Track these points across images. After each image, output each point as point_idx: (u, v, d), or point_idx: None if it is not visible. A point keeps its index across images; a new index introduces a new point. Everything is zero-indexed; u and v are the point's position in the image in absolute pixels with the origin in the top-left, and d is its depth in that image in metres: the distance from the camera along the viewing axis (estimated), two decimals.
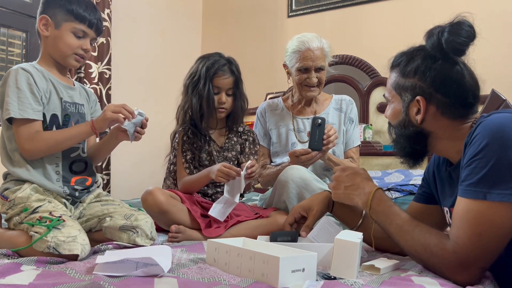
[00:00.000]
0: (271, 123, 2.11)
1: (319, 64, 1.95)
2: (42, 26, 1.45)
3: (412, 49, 1.19)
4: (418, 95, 1.13)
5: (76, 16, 1.43)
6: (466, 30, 1.07)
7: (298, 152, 1.76)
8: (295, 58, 1.97)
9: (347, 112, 2.08)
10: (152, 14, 3.49)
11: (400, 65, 1.18)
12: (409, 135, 1.17)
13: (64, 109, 1.46)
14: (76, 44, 1.45)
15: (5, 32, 2.74)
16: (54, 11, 1.44)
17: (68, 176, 1.46)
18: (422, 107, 1.13)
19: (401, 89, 1.17)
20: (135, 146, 3.21)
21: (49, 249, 1.17)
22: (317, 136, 1.74)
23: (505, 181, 0.95)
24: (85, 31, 1.46)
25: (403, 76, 1.17)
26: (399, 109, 1.19)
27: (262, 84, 3.46)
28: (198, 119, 1.83)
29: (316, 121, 1.73)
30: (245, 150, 1.93)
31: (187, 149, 1.84)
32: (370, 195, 1.21)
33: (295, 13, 3.47)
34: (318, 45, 1.94)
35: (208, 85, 1.80)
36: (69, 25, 1.43)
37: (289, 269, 0.96)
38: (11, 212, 1.35)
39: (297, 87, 2.02)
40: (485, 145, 0.97)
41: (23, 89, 1.35)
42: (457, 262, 0.99)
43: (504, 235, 0.97)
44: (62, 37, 1.43)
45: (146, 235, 1.38)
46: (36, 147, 1.36)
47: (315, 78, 1.96)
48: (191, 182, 1.78)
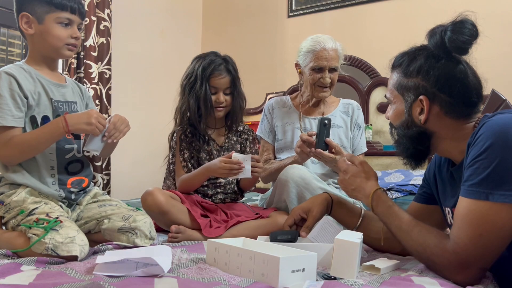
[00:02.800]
0: (278, 120, 2.11)
1: (333, 64, 1.95)
2: (24, 25, 1.40)
3: (413, 49, 1.18)
4: (421, 94, 1.12)
5: (56, 5, 1.38)
6: (469, 29, 1.07)
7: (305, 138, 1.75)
8: (309, 58, 1.96)
9: (354, 117, 2.08)
10: (152, 14, 3.48)
11: (402, 65, 1.17)
12: (412, 135, 1.16)
13: (56, 109, 1.42)
14: (65, 34, 1.40)
15: (5, 32, 2.74)
16: (32, 6, 1.38)
17: (64, 178, 1.43)
18: (425, 107, 1.12)
19: (404, 89, 1.16)
20: (135, 146, 3.23)
21: (48, 251, 1.17)
22: (325, 136, 1.75)
23: (508, 182, 0.94)
24: (70, 18, 1.40)
25: (406, 76, 1.16)
26: (401, 110, 1.18)
27: (262, 84, 3.46)
28: (196, 120, 1.83)
29: (323, 122, 1.74)
30: (246, 150, 1.93)
31: (185, 147, 1.84)
32: (370, 196, 1.21)
33: (295, 13, 3.47)
34: (333, 45, 1.95)
35: (204, 85, 1.79)
36: (52, 16, 1.38)
37: (289, 269, 0.96)
38: (7, 216, 1.34)
39: (309, 87, 2.01)
40: (489, 145, 0.97)
41: (4, 95, 1.31)
42: (457, 262, 0.99)
43: (505, 236, 0.97)
44: (49, 31, 1.39)
45: (145, 235, 1.37)
46: (10, 153, 1.33)
47: (328, 78, 1.96)
48: (189, 180, 1.78)
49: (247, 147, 1.94)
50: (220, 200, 1.86)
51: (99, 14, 2.91)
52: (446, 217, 1.21)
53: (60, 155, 1.43)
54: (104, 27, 2.93)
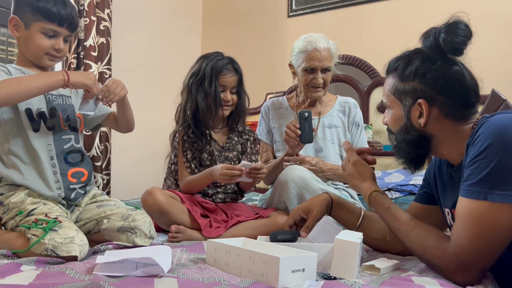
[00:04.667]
0: (274, 121, 2.11)
1: (325, 64, 1.94)
2: (12, 27, 1.40)
3: (407, 53, 1.17)
4: (420, 98, 1.11)
5: (45, 15, 1.35)
6: (463, 29, 1.07)
7: None
8: (301, 58, 1.96)
9: (352, 116, 2.07)
10: (152, 14, 3.49)
11: (398, 69, 1.16)
12: (412, 140, 1.15)
13: (49, 101, 1.42)
14: (47, 44, 1.38)
15: (5, 32, 2.74)
16: (23, 11, 1.37)
17: (65, 168, 1.42)
18: (425, 110, 1.11)
19: (401, 93, 1.15)
20: (135, 146, 3.22)
21: (47, 252, 1.17)
22: (307, 129, 1.75)
23: (507, 182, 0.94)
24: (56, 30, 1.38)
25: (402, 80, 1.15)
26: (399, 115, 1.17)
27: (262, 84, 3.46)
28: (205, 117, 1.83)
29: (303, 115, 1.74)
30: (247, 150, 1.93)
31: (188, 148, 1.84)
32: (366, 198, 1.22)
33: (295, 13, 3.47)
34: (325, 45, 1.94)
35: (214, 83, 1.80)
36: (38, 25, 1.36)
37: (289, 269, 0.96)
38: (6, 217, 1.35)
39: (302, 87, 2.01)
40: (488, 145, 0.96)
41: None
42: (457, 263, 0.99)
43: (505, 236, 0.97)
44: (32, 38, 1.37)
45: (145, 234, 1.37)
46: None
47: (321, 79, 1.95)
48: (193, 182, 1.78)
49: (248, 148, 1.94)
50: (220, 200, 1.86)
51: (99, 14, 2.91)
52: (446, 218, 1.21)
53: (58, 145, 1.42)
54: (104, 27, 2.93)
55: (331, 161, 1.99)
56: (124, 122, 1.62)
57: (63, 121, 1.45)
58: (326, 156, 2.00)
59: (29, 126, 1.37)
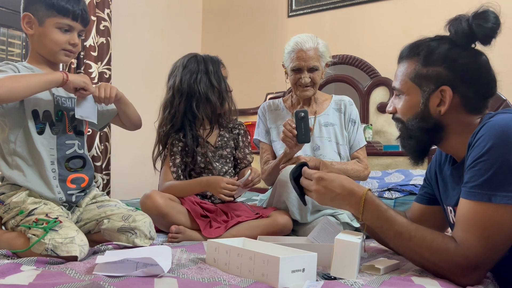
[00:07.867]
0: (271, 122, 2.13)
1: (311, 64, 1.97)
2: (26, 25, 1.41)
3: (428, 39, 1.13)
4: (444, 84, 1.08)
5: (59, 10, 1.37)
6: (493, 17, 1.07)
7: None
8: (290, 59, 2.01)
9: (347, 113, 2.08)
10: (152, 14, 3.48)
11: (421, 54, 1.12)
12: (427, 128, 1.11)
13: (58, 104, 1.43)
14: (63, 39, 1.40)
15: (5, 32, 2.74)
16: (36, 7, 1.38)
17: (65, 174, 1.42)
18: (448, 98, 1.08)
19: (422, 78, 1.11)
20: (135, 146, 3.22)
21: (47, 251, 1.17)
22: (303, 129, 1.75)
23: (510, 183, 0.94)
24: (70, 25, 1.40)
25: (426, 65, 1.10)
26: (416, 101, 1.12)
27: (262, 84, 3.46)
28: (219, 108, 1.86)
29: (299, 115, 1.75)
30: (239, 145, 1.94)
31: (176, 153, 1.84)
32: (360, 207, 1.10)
33: (295, 13, 3.47)
34: (311, 45, 1.97)
35: (219, 74, 1.87)
36: (52, 21, 1.38)
37: (289, 269, 0.96)
38: (6, 216, 1.35)
39: (292, 87, 2.06)
40: (490, 147, 0.96)
41: (4, 70, 1.33)
42: (467, 265, 0.96)
43: (510, 237, 0.96)
44: (47, 34, 1.39)
45: (145, 235, 1.37)
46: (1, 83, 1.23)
47: (307, 78, 1.98)
48: (180, 188, 1.76)
49: (240, 142, 1.95)
50: (219, 201, 1.85)
51: (99, 14, 2.91)
52: (448, 216, 1.20)
53: (60, 150, 1.42)
54: (104, 27, 2.93)
55: (329, 159, 2.00)
56: (127, 120, 1.64)
57: (68, 125, 1.45)
58: (323, 154, 2.01)
59: (34, 128, 1.38)
